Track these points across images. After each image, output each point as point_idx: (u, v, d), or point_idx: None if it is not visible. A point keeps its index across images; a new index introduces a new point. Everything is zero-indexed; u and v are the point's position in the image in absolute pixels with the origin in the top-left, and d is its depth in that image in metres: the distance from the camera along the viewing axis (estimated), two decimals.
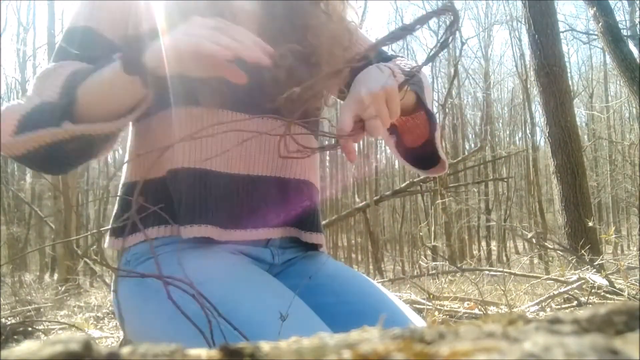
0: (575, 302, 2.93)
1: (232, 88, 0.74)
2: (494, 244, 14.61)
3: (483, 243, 14.87)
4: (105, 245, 0.84)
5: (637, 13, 7.41)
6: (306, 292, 0.78)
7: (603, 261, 3.69)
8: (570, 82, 6.91)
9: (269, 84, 0.79)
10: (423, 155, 0.90)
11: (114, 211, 0.85)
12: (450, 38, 0.60)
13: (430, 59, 0.64)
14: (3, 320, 2.89)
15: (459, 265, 4.52)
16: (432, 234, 9.98)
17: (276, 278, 0.79)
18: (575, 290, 3.02)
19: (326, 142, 0.73)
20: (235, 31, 0.65)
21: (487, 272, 3.92)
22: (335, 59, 0.85)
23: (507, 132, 18.48)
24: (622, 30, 5.42)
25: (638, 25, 6.66)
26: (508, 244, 15.15)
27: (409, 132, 0.89)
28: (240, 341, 0.19)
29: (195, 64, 0.65)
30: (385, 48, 0.95)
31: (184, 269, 0.74)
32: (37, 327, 2.88)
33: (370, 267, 9.95)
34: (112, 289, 0.85)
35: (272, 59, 0.78)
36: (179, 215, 0.76)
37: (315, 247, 0.90)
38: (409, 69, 0.76)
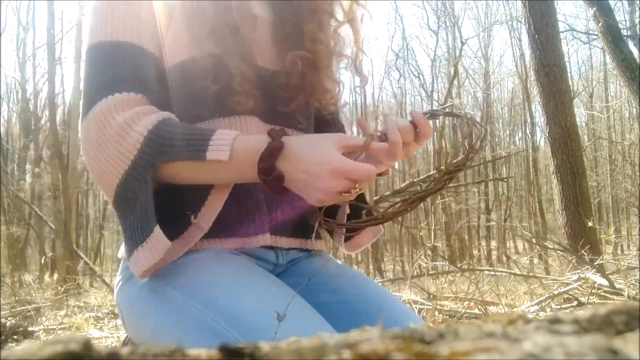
0: (575, 302, 2.92)
1: (247, 99, 0.76)
2: (494, 244, 14.59)
3: (483, 243, 14.86)
4: (120, 255, 0.83)
5: (637, 13, 7.41)
6: (307, 291, 0.78)
7: (603, 261, 3.69)
8: (570, 82, 6.90)
9: (282, 89, 0.81)
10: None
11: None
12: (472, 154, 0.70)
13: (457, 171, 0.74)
14: (3, 320, 2.89)
15: (459, 265, 4.52)
16: (432, 234, 9.98)
17: (279, 277, 0.79)
18: (575, 290, 3.02)
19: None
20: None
21: (487, 272, 3.92)
22: (341, 60, 0.86)
23: (507, 132, 18.48)
24: (622, 30, 5.41)
25: (638, 25, 6.66)
26: (508, 244, 15.13)
27: None
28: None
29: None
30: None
31: (188, 273, 0.74)
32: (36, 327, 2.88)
33: (370, 267, 9.95)
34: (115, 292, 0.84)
35: (284, 65, 0.80)
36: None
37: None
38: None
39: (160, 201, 0.69)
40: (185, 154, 0.66)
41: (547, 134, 5.56)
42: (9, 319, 3.04)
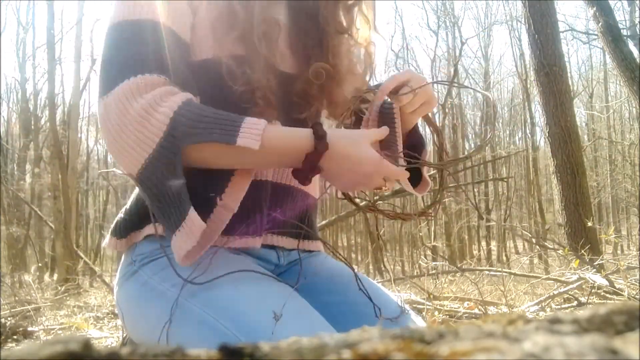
0: (575, 302, 2.92)
1: (267, 102, 0.76)
2: (494, 244, 14.60)
3: (483, 243, 14.86)
4: (104, 244, 0.84)
5: (637, 13, 7.41)
6: (308, 292, 0.78)
7: (603, 261, 3.69)
8: (570, 82, 6.90)
9: (299, 96, 0.81)
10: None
11: (126, 208, 0.83)
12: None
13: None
14: (3, 320, 2.89)
15: (459, 265, 4.52)
16: (432, 234, 9.98)
17: (280, 277, 0.79)
18: (575, 290, 3.02)
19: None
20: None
21: (487, 272, 3.93)
22: (356, 79, 0.88)
23: (507, 132, 18.48)
24: (622, 30, 5.41)
25: (638, 25, 6.66)
26: (508, 244, 15.14)
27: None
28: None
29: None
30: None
31: (188, 272, 0.74)
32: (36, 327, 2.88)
33: (370, 267, 9.96)
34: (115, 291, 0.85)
35: (305, 73, 0.81)
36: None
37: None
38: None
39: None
40: (215, 137, 0.64)
41: (547, 134, 5.57)
42: (9, 319, 3.04)
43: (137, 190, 0.81)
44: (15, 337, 2.68)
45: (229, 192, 0.72)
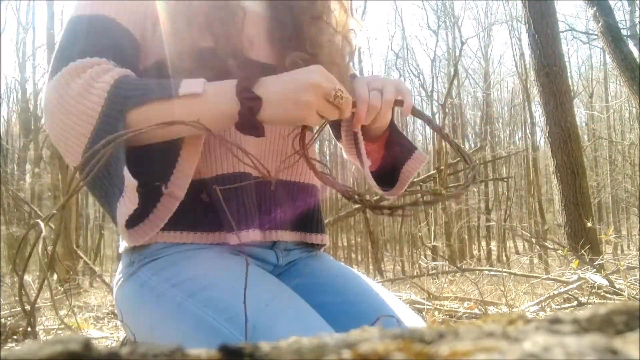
0: (575, 302, 2.92)
1: None
2: (494, 244, 14.59)
3: (483, 243, 14.86)
4: (128, 242, 0.79)
5: (637, 13, 7.41)
6: (308, 292, 0.78)
7: (603, 261, 3.69)
8: (570, 82, 6.90)
9: None
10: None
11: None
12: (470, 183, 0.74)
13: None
14: (3, 320, 2.89)
15: (459, 265, 4.52)
16: (432, 234, 9.97)
17: (279, 278, 0.79)
18: (575, 290, 3.02)
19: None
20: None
21: (487, 272, 3.93)
22: (337, 68, 0.87)
23: (507, 132, 18.47)
24: (622, 30, 5.41)
25: (638, 25, 6.66)
26: (508, 244, 15.13)
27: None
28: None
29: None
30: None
31: (188, 272, 0.74)
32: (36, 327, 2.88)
33: (370, 267, 9.95)
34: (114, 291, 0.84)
35: (283, 65, 0.80)
36: (226, 221, 0.74)
37: (319, 247, 0.91)
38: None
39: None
40: (156, 94, 0.66)
41: (547, 134, 5.57)
42: (9, 319, 3.04)
43: None
44: (15, 337, 2.68)
45: (175, 180, 0.72)
